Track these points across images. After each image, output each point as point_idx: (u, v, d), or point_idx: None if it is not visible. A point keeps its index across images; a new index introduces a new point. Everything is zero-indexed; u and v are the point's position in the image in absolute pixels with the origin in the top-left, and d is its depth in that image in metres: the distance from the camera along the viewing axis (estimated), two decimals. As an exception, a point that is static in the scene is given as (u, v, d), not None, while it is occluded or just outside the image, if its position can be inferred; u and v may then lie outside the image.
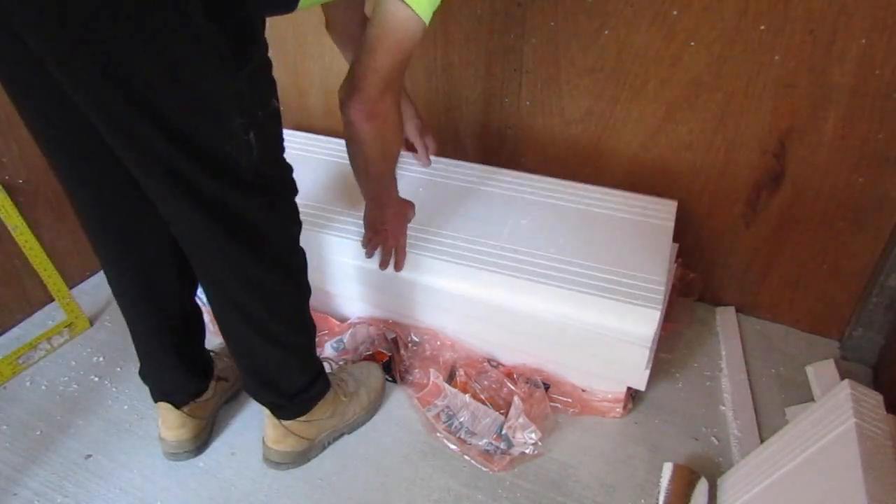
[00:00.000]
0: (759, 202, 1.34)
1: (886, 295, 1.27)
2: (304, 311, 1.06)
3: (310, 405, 1.12)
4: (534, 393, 1.25)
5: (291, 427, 1.11)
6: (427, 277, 1.25)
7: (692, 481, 1.10)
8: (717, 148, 1.31)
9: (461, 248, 1.26)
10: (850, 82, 1.14)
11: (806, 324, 1.45)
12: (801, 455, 0.96)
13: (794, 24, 1.13)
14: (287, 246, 0.98)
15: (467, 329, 1.32)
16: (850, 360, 1.38)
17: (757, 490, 1.00)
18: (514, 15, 1.34)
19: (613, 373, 1.22)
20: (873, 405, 0.96)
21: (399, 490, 1.13)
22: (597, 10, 1.26)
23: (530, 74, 1.40)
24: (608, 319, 1.14)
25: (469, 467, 1.17)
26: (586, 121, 1.40)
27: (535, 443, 1.18)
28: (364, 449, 1.20)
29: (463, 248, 1.26)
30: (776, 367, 1.37)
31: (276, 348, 1.02)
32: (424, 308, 1.31)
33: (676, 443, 1.21)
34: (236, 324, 0.99)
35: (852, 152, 1.20)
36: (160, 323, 1.06)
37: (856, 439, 0.89)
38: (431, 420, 1.23)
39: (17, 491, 1.14)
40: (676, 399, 1.30)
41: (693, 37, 1.21)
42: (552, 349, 1.24)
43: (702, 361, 1.39)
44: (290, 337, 1.04)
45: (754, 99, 1.22)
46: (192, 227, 0.87)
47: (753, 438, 1.20)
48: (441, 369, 1.31)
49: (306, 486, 1.14)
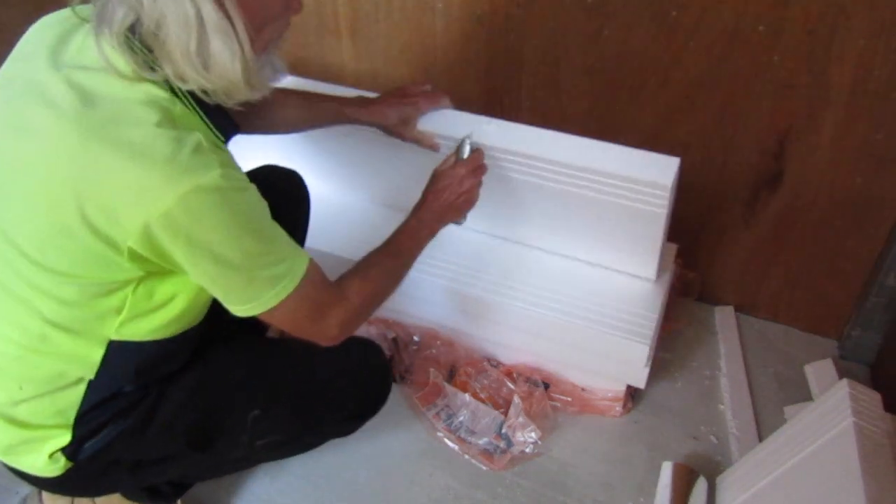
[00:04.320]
0: (758, 202, 1.34)
1: (885, 294, 1.27)
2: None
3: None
4: (533, 392, 1.25)
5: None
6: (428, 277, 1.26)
7: (691, 480, 1.10)
8: (716, 148, 1.31)
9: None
10: (849, 82, 1.14)
11: (804, 323, 1.46)
12: (799, 454, 0.97)
13: (793, 25, 1.13)
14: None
15: (467, 327, 1.32)
16: (849, 359, 1.38)
17: (756, 489, 1.00)
18: (513, 15, 1.34)
19: (613, 371, 1.23)
20: (871, 404, 0.96)
21: (399, 489, 1.14)
22: (596, 11, 1.26)
23: (530, 75, 1.40)
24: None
25: (469, 466, 1.17)
26: (585, 121, 1.40)
27: (535, 442, 1.19)
28: (364, 448, 1.20)
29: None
30: (775, 367, 1.37)
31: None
32: (424, 305, 1.32)
33: (675, 442, 1.22)
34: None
35: (851, 152, 1.21)
36: None
37: (854, 438, 0.89)
38: (431, 419, 1.24)
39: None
40: (676, 398, 1.31)
41: (692, 37, 1.21)
42: (552, 347, 1.24)
43: (701, 361, 1.39)
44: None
45: (753, 99, 1.23)
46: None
47: (752, 437, 1.21)
48: (441, 369, 1.31)
49: (307, 485, 1.14)
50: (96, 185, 0.69)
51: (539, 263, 1.28)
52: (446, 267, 1.27)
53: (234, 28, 0.70)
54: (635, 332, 1.16)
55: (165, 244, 0.71)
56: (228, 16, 0.69)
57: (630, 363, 1.18)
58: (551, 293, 1.22)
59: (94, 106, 0.70)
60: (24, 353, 0.79)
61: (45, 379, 0.80)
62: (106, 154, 0.68)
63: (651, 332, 1.16)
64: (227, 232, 0.73)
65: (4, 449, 0.85)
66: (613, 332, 1.16)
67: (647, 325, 1.17)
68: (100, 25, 0.70)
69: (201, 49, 0.69)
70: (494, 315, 1.25)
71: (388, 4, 1.44)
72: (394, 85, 1.14)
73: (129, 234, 0.70)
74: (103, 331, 0.79)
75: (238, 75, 0.72)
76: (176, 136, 0.70)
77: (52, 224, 0.72)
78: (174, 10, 0.67)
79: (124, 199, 0.69)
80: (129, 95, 0.71)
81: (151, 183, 0.68)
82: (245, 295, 0.78)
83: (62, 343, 0.78)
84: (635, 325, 1.17)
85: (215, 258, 0.73)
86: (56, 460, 0.84)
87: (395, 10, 1.44)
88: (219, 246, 0.72)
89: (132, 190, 0.68)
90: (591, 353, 1.20)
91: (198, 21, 0.67)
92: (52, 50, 0.76)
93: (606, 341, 1.17)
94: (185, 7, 0.66)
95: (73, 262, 0.73)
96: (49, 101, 0.72)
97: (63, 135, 0.70)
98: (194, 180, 0.68)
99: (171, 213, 0.68)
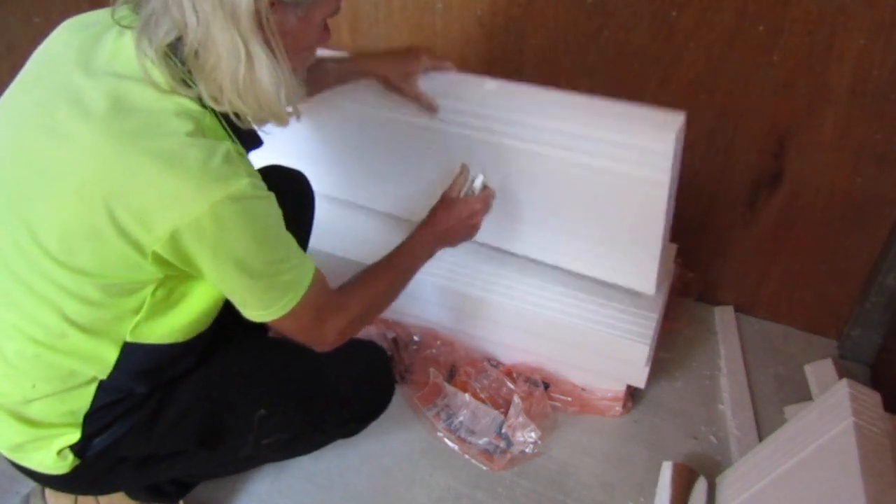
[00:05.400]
0: (758, 202, 1.34)
1: (885, 294, 1.27)
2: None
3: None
4: (533, 392, 1.25)
5: None
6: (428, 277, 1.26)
7: (691, 480, 1.10)
8: (716, 148, 1.31)
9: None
10: (849, 82, 1.14)
11: (804, 323, 1.46)
12: (799, 454, 0.97)
13: (792, 25, 1.13)
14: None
15: (467, 327, 1.32)
16: (849, 359, 1.38)
17: (756, 489, 1.00)
18: (513, 15, 1.34)
19: (613, 371, 1.23)
20: (871, 404, 0.96)
21: (399, 489, 1.14)
22: (596, 11, 1.26)
23: (530, 75, 1.40)
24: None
25: (469, 466, 1.17)
26: (586, 121, 1.41)
27: (535, 442, 1.19)
28: (364, 448, 1.20)
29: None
30: (775, 367, 1.37)
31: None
32: (424, 305, 1.32)
33: (675, 441, 1.22)
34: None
35: (851, 152, 1.21)
36: None
37: (854, 438, 0.89)
38: (431, 419, 1.24)
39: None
40: (675, 398, 1.31)
41: (692, 37, 1.21)
42: (552, 347, 1.24)
43: (701, 361, 1.39)
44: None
45: (753, 99, 1.23)
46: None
47: (752, 437, 1.21)
48: (441, 369, 1.31)
49: (307, 485, 1.15)
50: (129, 191, 0.71)
51: (538, 265, 1.28)
52: (446, 267, 1.27)
53: (277, 59, 0.73)
54: (635, 331, 1.16)
55: (191, 250, 0.73)
56: (273, 48, 0.72)
57: (630, 363, 1.18)
58: (551, 293, 1.23)
59: (127, 114, 0.72)
60: (42, 352, 0.79)
61: (58, 378, 0.81)
62: (140, 161, 0.70)
63: (651, 332, 1.16)
64: (253, 240, 0.75)
65: (13, 447, 0.85)
66: (613, 332, 1.16)
67: (647, 324, 1.17)
68: (141, 36, 0.72)
69: (250, 78, 0.72)
70: (494, 315, 1.25)
71: (388, 4, 1.44)
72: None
73: (156, 239, 0.71)
74: (120, 331, 0.80)
75: (281, 102, 0.76)
76: (207, 144, 0.72)
77: (80, 225, 0.73)
78: (222, 40, 0.69)
79: (157, 205, 0.70)
80: (162, 106, 0.73)
81: (184, 191, 0.70)
82: (262, 301, 0.80)
83: (80, 342, 0.79)
84: (635, 324, 1.17)
85: (238, 265, 0.75)
86: (64, 457, 0.84)
87: (395, 10, 1.44)
88: (243, 253, 0.75)
89: (165, 196, 0.70)
90: (591, 352, 1.20)
91: (246, 53, 0.71)
92: (83, 53, 0.77)
93: (606, 341, 1.17)
94: (233, 38, 0.69)
95: (98, 263, 0.74)
96: (83, 107, 0.73)
97: (97, 142, 0.71)
98: (225, 189, 0.70)
99: (201, 221, 0.70)
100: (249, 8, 0.68)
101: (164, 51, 0.72)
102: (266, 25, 0.71)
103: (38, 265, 0.76)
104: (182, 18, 0.69)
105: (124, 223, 0.71)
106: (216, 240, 0.72)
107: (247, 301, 0.80)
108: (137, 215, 0.71)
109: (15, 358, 0.80)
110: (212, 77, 0.72)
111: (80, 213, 0.72)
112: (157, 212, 0.70)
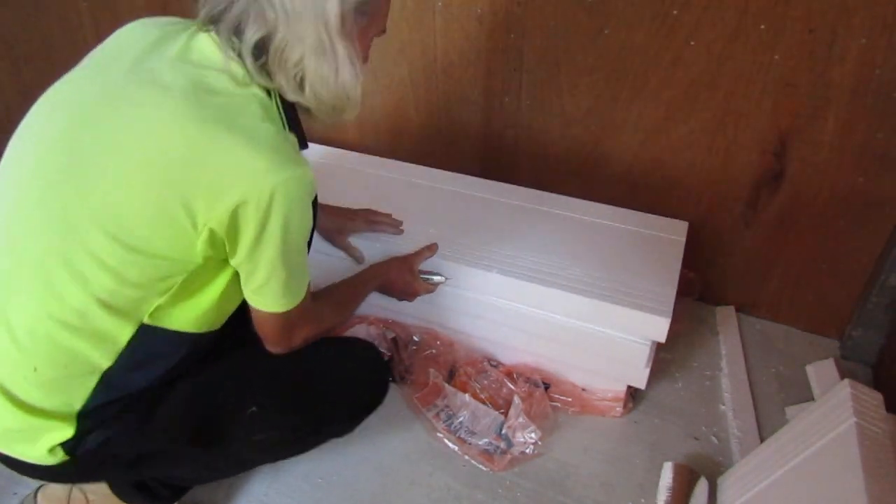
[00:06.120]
0: (760, 202, 1.34)
1: (886, 294, 1.27)
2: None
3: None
4: (533, 392, 1.25)
5: None
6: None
7: (692, 480, 1.10)
8: (717, 147, 1.31)
9: (462, 248, 1.26)
10: (850, 82, 1.14)
11: (806, 323, 1.45)
12: (801, 454, 0.96)
13: (794, 24, 1.12)
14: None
15: (467, 327, 1.32)
16: (850, 359, 1.38)
17: (757, 489, 1.00)
18: (514, 14, 1.34)
19: (614, 371, 1.22)
20: (873, 404, 0.96)
21: (399, 489, 1.13)
22: (597, 10, 1.26)
23: (530, 74, 1.40)
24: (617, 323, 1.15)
25: (469, 467, 1.17)
26: (586, 120, 1.40)
27: (535, 442, 1.18)
28: (364, 449, 1.20)
29: (463, 247, 1.26)
30: (776, 367, 1.37)
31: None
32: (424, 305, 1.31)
33: (676, 442, 1.21)
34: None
35: (852, 152, 1.20)
36: None
37: (856, 439, 0.89)
38: (431, 420, 1.23)
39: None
40: (676, 398, 1.30)
41: (693, 36, 1.21)
42: (552, 348, 1.24)
43: (702, 361, 1.39)
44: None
45: (754, 98, 1.22)
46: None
47: (753, 438, 1.20)
48: (441, 369, 1.31)
49: (306, 485, 1.14)
50: (206, 161, 0.74)
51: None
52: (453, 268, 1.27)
53: (357, 56, 0.81)
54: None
55: (243, 222, 0.76)
56: (351, 46, 0.80)
57: (631, 363, 1.18)
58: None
59: (207, 94, 0.77)
60: (55, 331, 0.79)
61: (62, 363, 0.80)
62: (220, 133, 0.74)
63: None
64: (300, 224, 0.81)
65: (1, 432, 0.84)
66: (614, 332, 1.16)
67: (647, 325, 1.17)
68: (227, 35, 0.78)
69: (336, 74, 0.80)
70: (494, 315, 1.25)
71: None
72: (392, 82, 1.14)
73: (217, 214, 0.75)
74: (140, 312, 0.81)
75: (358, 96, 0.84)
76: (278, 130, 0.79)
77: (142, 199, 0.75)
78: (311, 40, 0.76)
79: (230, 176, 0.74)
80: (240, 91, 0.79)
81: (259, 164, 0.74)
82: (279, 292, 0.85)
83: (98, 321, 0.79)
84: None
85: (279, 245, 0.79)
86: (55, 454, 0.84)
87: (394, 10, 1.43)
88: (291, 233, 0.80)
89: (242, 168, 0.74)
90: (592, 353, 1.19)
91: (332, 51, 0.78)
92: (157, 46, 0.82)
93: (607, 341, 1.16)
94: (321, 38, 0.77)
95: (149, 239, 0.77)
96: (161, 84, 0.77)
97: (177, 113, 0.75)
98: (292, 170, 0.76)
99: (267, 194, 0.75)
100: (335, 10, 0.75)
101: (249, 48, 0.77)
102: (349, 27, 0.78)
103: (83, 238, 0.76)
104: (273, 16, 0.75)
105: (190, 195, 0.74)
106: (273, 214, 0.76)
107: (263, 288, 0.84)
108: (208, 186, 0.74)
109: (24, 336, 0.80)
110: (293, 73, 0.79)
111: (145, 184, 0.75)
112: (229, 182, 0.74)
